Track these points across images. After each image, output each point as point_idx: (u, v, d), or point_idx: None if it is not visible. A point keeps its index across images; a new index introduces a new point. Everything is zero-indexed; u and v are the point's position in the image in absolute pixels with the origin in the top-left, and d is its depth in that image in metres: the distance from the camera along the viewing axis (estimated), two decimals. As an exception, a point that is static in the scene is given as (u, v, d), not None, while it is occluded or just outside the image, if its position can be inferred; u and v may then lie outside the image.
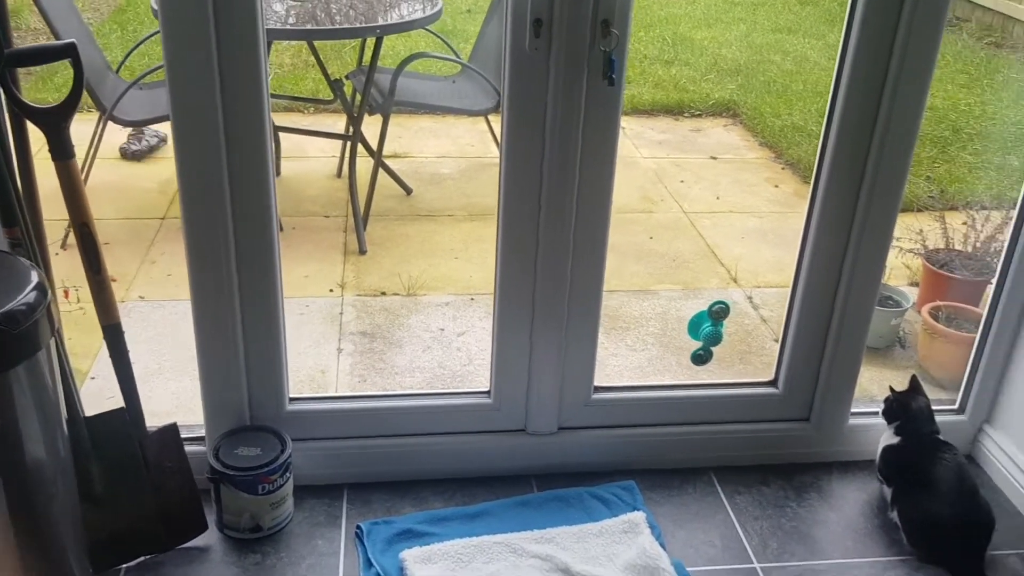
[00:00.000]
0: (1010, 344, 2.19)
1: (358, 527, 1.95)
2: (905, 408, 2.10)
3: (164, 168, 3.74)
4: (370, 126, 3.46)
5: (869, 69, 1.88)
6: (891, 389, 2.17)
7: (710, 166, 4.34)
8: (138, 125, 3.30)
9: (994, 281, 2.19)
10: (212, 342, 1.94)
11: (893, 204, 2.02)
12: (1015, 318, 2.16)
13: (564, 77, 1.79)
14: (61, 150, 1.63)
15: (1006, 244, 2.16)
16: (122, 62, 3.59)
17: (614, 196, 1.94)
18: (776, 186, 4.11)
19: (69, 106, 1.62)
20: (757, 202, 3.93)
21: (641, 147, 4.50)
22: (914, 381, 2.15)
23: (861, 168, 1.98)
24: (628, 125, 4.76)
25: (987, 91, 5.19)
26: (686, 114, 4.93)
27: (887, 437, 2.12)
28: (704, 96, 5.08)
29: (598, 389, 2.17)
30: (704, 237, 3.57)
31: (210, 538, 1.94)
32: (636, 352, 2.81)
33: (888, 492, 2.08)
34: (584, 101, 1.82)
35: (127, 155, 3.74)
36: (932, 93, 5.28)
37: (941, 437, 2.08)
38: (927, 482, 1.98)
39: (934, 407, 2.29)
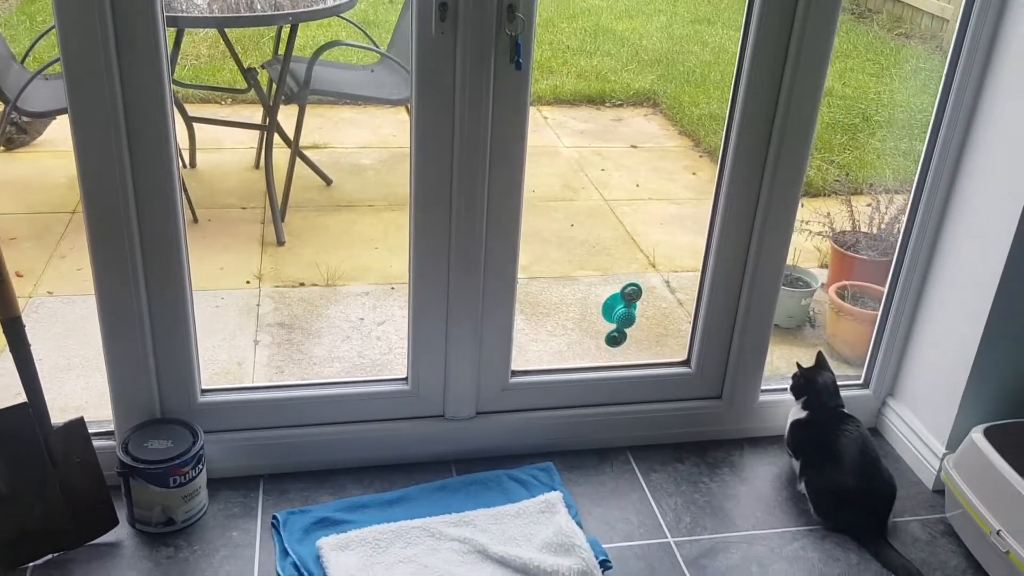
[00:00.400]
0: (909, 320, 2.28)
1: (274, 517, 1.94)
2: (811, 383, 2.17)
3: (74, 162, 3.63)
4: (290, 117, 3.42)
5: (768, 59, 1.93)
6: (798, 365, 2.23)
7: (630, 154, 4.40)
8: (43, 116, 3.20)
9: (893, 259, 2.27)
10: (118, 335, 1.90)
11: (795, 188, 2.08)
12: (913, 294, 2.25)
13: (472, 61, 1.80)
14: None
15: (904, 224, 2.24)
16: (27, 52, 3.48)
17: (536, 184, 1.96)
18: (694, 173, 4.19)
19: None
20: (676, 189, 4.01)
21: (563, 136, 4.54)
22: (819, 357, 2.22)
23: (763, 154, 2.03)
24: (550, 115, 4.80)
25: (896, 80, 5.37)
26: (607, 104, 4.99)
27: (795, 412, 2.19)
28: (625, 86, 5.15)
29: (515, 373, 2.19)
30: (624, 224, 3.63)
31: (121, 533, 1.91)
32: (556, 337, 2.84)
33: (796, 465, 2.15)
34: (492, 85, 1.83)
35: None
36: (843, 82, 5.40)
37: (846, 411, 2.16)
38: (832, 454, 2.05)
39: (841, 383, 2.37)
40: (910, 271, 2.23)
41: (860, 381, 2.40)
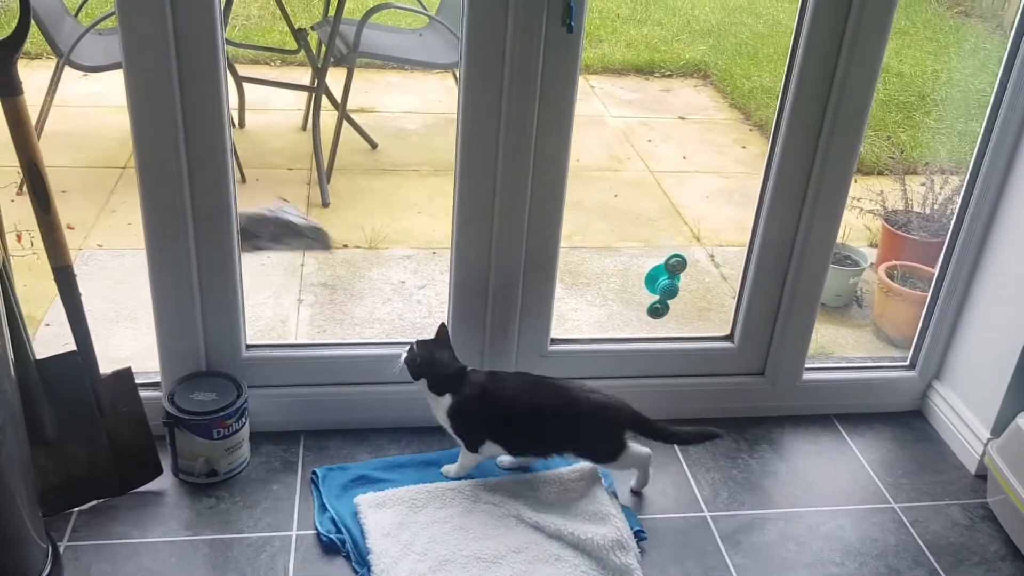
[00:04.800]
0: (960, 302, 2.23)
1: (314, 472, 1.97)
2: (429, 364, 1.93)
3: (127, 118, 3.67)
4: (338, 80, 3.42)
5: (826, 31, 1.89)
6: (416, 343, 1.97)
7: (678, 126, 4.34)
8: (96, 71, 3.23)
9: (946, 241, 2.22)
10: (167, 289, 1.93)
11: (848, 165, 2.03)
12: (965, 277, 2.20)
13: (523, 24, 1.78)
14: (8, 86, 1.60)
15: (958, 205, 2.19)
16: (80, 6, 3.52)
17: (581, 154, 1.94)
18: (744, 147, 4.12)
19: (15, 40, 1.58)
20: (724, 162, 3.95)
21: (610, 106, 4.49)
22: (441, 330, 1.98)
23: (817, 129, 1.99)
24: (598, 84, 4.75)
25: (954, 59, 5.22)
26: (657, 74, 4.92)
27: (438, 402, 1.93)
28: (675, 56, 5.07)
29: (555, 341, 2.19)
30: (669, 196, 3.59)
31: (165, 482, 1.94)
32: (596, 307, 2.83)
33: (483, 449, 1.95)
34: (543, 49, 1.81)
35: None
36: (900, 59, 5.25)
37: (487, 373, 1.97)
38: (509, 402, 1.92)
39: (886, 364, 2.35)
40: (963, 253, 2.18)
41: (907, 363, 2.36)
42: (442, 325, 1.98)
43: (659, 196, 3.59)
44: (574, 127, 1.93)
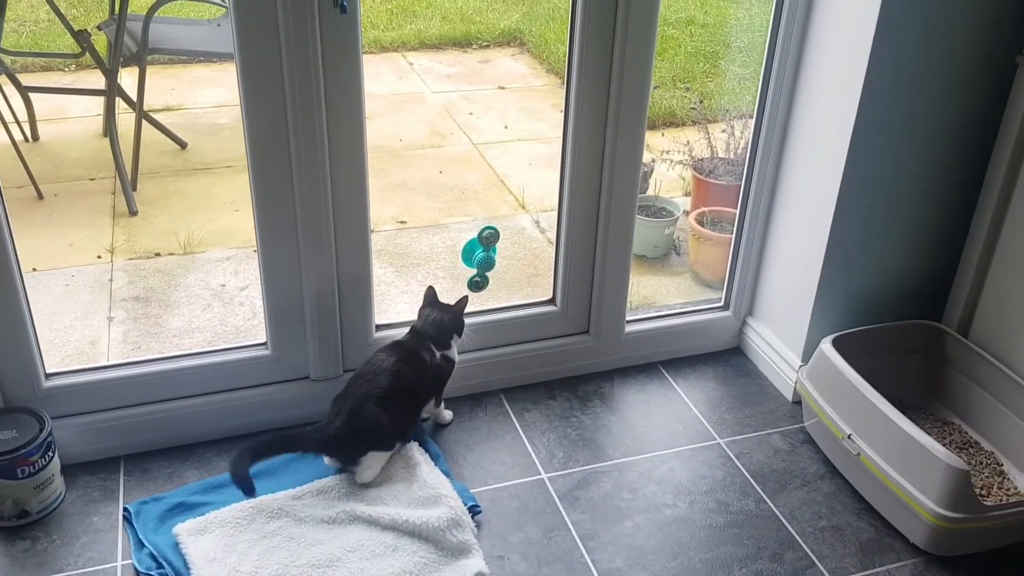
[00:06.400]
0: (761, 241, 2.34)
1: (125, 509, 1.86)
2: None
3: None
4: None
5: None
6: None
7: (499, 96, 4.36)
8: None
9: (742, 183, 2.32)
10: (-57, 325, 1.79)
11: (639, 117, 2.08)
12: (763, 215, 2.31)
13: (293, 8, 1.72)
14: None
15: (749, 146, 2.29)
16: None
17: (403, 134, 1.90)
18: (562, 111, 4.17)
19: None
20: (544, 128, 3.99)
21: (430, 82, 4.46)
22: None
23: (607, 83, 2.03)
24: (416, 60, 4.70)
25: (755, 5, 5.45)
26: (474, 46, 4.91)
27: None
28: (491, 26, 5.07)
29: (380, 327, 2.16)
30: (493, 167, 3.60)
31: (-28, 532, 1.82)
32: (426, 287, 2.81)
33: None
34: (319, 33, 1.76)
35: None
36: (705, 12, 5.35)
37: None
38: None
39: (703, 307, 2.44)
40: (758, 193, 2.28)
41: (722, 304, 2.46)
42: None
43: (483, 168, 3.60)
44: (366, 107, 1.90)
